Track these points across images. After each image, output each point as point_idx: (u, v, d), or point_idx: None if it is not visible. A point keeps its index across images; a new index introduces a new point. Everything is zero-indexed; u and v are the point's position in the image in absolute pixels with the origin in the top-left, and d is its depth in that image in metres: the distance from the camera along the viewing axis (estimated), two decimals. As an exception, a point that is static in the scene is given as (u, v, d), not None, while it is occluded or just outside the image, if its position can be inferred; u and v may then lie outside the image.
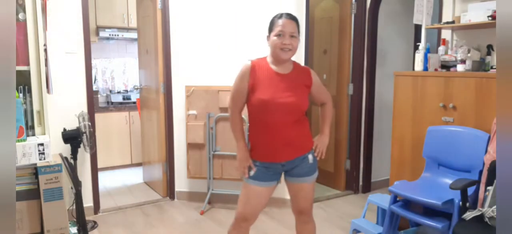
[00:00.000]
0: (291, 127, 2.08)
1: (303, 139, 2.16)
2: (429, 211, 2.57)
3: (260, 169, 2.14)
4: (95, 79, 5.55)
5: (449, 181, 2.59)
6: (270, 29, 2.08)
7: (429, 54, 3.09)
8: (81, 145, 3.17)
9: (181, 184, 4.05)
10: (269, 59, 2.12)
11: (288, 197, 2.35)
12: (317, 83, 2.20)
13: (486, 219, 2.17)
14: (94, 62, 5.47)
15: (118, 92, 5.71)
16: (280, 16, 2.07)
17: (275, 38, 2.03)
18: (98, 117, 4.71)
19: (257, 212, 2.22)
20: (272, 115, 2.04)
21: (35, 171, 2.07)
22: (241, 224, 2.21)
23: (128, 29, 5.39)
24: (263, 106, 2.04)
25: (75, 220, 3.09)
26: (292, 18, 2.06)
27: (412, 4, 3.23)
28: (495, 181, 2.28)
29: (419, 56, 3.12)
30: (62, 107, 3.39)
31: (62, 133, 3.10)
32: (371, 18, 4.12)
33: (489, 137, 2.57)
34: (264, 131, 2.08)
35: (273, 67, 2.09)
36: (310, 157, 2.16)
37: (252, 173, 2.14)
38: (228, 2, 3.73)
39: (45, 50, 2.52)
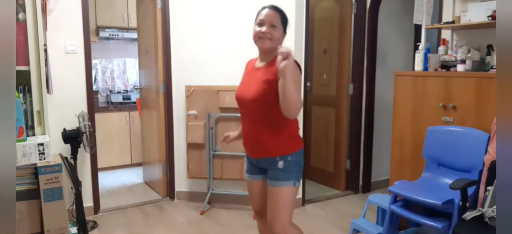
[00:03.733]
0: (259, 124, 2.01)
1: (273, 141, 2.01)
2: (429, 211, 2.57)
3: (247, 161, 2.23)
4: (95, 79, 5.55)
5: (449, 181, 2.59)
6: (255, 21, 2.06)
7: (429, 54, 3.09)
8: (81, 145, 3.17)
9: (181, 184, 4.05)
10: (259, 55, 2.11)
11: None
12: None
13: (486, 219, 2.17)
14: (94, 62, 5.48)
15: (118, 92, 5.72)
16: (263, 7, 2.04)
17: (255, 27, 2.01)
18: (98, 116, 4.71)
19: (260, 205, 2.22)
20: (242, 109, 2.09)
21: (35, 171, 2.07)
22: (257, 218, 2.32)
23: (128, 29, 5.39)
24: (237, 100, 2.09)
25: (75, 220, 3.09)
26: (275, 9, 2.01)
27: (412, 4, 3.23)
28: (495, 181, 2.28)
29: (419, 56, 3.12)
30: (62, 107, 3.39)
31: (62, 133, 3.10)
32: (371, 18, 4.12)
33: (489, 137, 2.57)
34: (242, 124, 2.14)
35: (257, 62, 2.10)
36: (280, 162, 2.01)
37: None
38: (228, 2, 3.73)
39: (45, 50, 2.53)
